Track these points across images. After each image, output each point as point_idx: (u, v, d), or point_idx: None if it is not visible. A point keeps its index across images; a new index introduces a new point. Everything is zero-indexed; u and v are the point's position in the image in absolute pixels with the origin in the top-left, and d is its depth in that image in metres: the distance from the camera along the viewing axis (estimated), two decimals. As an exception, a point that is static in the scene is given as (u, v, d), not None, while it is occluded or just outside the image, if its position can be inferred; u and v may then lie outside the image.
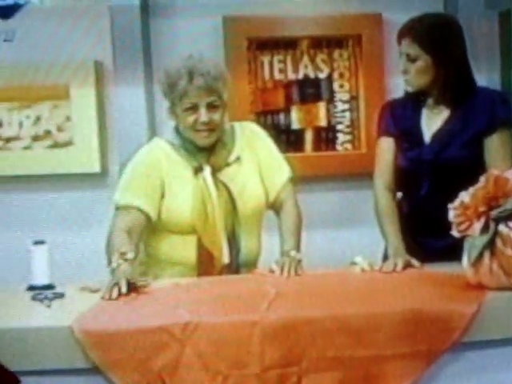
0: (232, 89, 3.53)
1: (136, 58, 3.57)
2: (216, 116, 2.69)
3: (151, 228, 2.76)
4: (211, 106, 2.68)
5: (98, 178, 3.67)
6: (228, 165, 2.79)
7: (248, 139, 2.84)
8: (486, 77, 3.48)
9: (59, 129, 3.65)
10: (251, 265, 2.84)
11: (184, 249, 2.75)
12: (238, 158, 2.80)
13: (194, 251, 2.75)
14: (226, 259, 2.76)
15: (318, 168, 3.75)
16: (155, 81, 2.81)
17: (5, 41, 3.59)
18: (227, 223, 2.77)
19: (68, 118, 3.64)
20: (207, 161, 2.75)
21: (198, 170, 2.75)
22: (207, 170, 2.74)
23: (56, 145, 3.65)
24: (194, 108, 2.67)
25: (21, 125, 3.65)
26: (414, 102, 2.82)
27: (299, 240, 2.80)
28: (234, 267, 2.79)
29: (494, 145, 2.71)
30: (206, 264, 2.75)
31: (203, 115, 2.67)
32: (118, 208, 2.74)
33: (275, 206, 2.87)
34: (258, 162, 2.84)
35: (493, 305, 2.10)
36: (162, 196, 2.74)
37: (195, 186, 2.74)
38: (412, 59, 2.71)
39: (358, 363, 2.02)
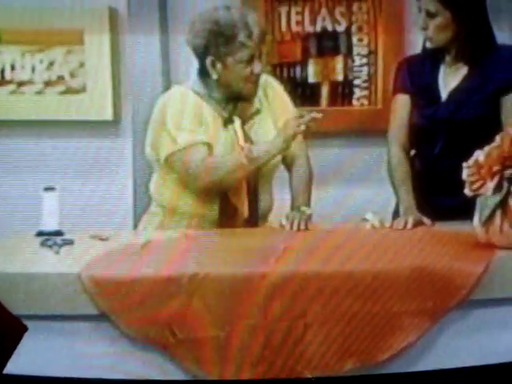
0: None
1: (151, 5, 3.54)
2: (261, 65, 2.72)
3: (172, 176, 2.76)
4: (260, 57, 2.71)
5: (111, 126, 3.66)
6: (250, 117, 2.79)
7: (265, 92, 2.84)
8: (508, 34, 3.42)
9: (72, 75, 3.63)
10: (264, 218, 2.85)
11: (208, 200, 2.75)
12: (257, 110, 2.80)
13: (217, 205, 2.75)
14: (246, 212, 2.76)
15: (333, 123, 3.72)
16: (185, 32, 2.77)
17: (19, -17, 3.57)
18: (249, 179, 2.77)
19: (81, 64, 3.62)
20: (234, 112, 2.76)
21: (227, 121, 2.75)
22: (237, 122, 2.74)
23: (69, 91, 3.63)
24: (249, 60, 2.67)
25: (33, 69, 3.63)
26: (432, 59, 2.78)
27: (310, 195, 2.80)
28: (253, 221, 2.79)
29: (511, 104, 2.67)
30: (227, 218, 2.76)
31: (258, 66, 2.69)
32: (182, 151, 2.69)
33: (287, 160, 2.87)
34: (274, 115, 2.84)
35: (502, 264, 2.10)
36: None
37: (226, 136, 2.73)
38: (431, 15, 2.67)
39: (364, 319, 2.03)
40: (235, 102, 2.76)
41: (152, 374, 2.06)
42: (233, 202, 2.75)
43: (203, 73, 2.75)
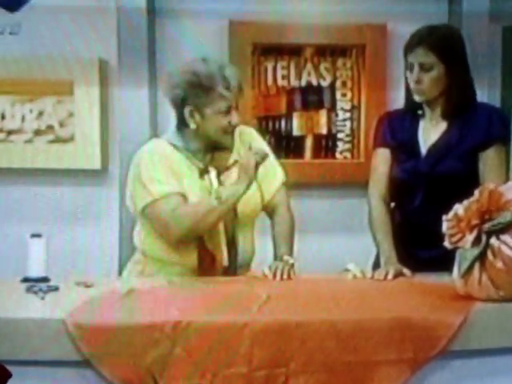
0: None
1: (141, 58, 3.59)
2: (238, 116, 2.75)
3: (150, 226, 2.79)
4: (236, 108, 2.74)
5: (99, 175, 3.69)
6: (228, 168, 2.81)
7: (245, 143, 2.86)
8: (486, 93, 3.50)
9: (61, 124, 3.67)
10: (246, 266, 2.86)
11: (185, 249, 2.76)
12: (236, 161, 2.81)
13: (195, 252, 2.76)
14: (225, 261, 2.77)
15: (316, 175, 3.77)
16: (162, 83, 2.82)
17: (10, 34, 3.61)
18: (227, 226, 2.78)
19: (71, 114, 3.65)
20: (211, 163, 2.78)
21: (203, 172, 2.77)
22: (213, 173, 2.76)
23: (58, 140, 3.66)
24: (227, 111, 2.71)
25: (23, 118, 3.66)
26: (411, 114, 2.83)
27: (292, 244, 2.82)
28: (232, 269, 2.80)
29: (489, 160, 2.73)
30: (206, 268, 2.76)
31: (235, 117, 2.72)
32: (154, 202, 2.70)
33: (268, 210, 2.89)
34: None
35: (481, 316, 2.12)
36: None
37: (201, 187, 2.75)
38: (427, 68, 2.69)
39: (344, 367, 2.04)
40: (212, 152, 2.78)
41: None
42: (210, 250, 2.76)
43: (180, 124, 2.78)
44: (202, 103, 2.70)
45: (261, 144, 2.92)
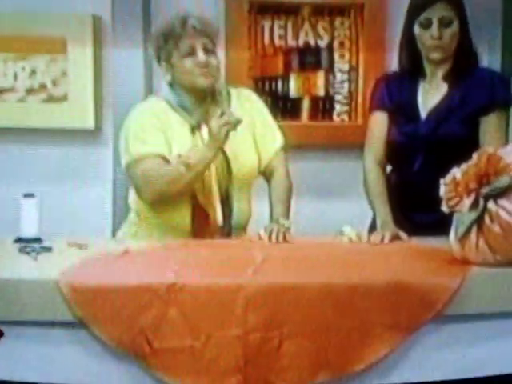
0: (231, 53, 3.55)
1: (135, 15, 3.54)
2: (212, 60, 2.72)
3: None
4: (206, 50, 2.71)
5: (92, 135, 3.66)
6: None
7: (243, 104, 2.85)
8: (487, 58, 3.46)
9: (54, 83, 3.63)
10: (241, 229, 2.86)
11: (179, 210, 2.75)
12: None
13: (189, 213, 2.75)
14: (219, 220, 2.76)
15: (313, 137, 3.74)
16: (150, 40, 2.82)
17: (2, -11, 3.56)
18: (221, 185, 2.77)
19: (64, 73, 3.61)
20: (204, 120, 2.75)
21: (195, 129, 2.75)
22: (205, 130, 2.74)
23: (51, 99, 3.62)
24: (191, 52, 2.70)
25: (16, 76, 3.62)
26: (410, 76, 2.81)
27: (289, 208, 2.82)
28: (227, 230, 2.80)
29: (490, 124, 2.71)
30: (200, 226, 2.76)
31: (201, 56, 2.70)
32: (136, 160, 2.71)
33: (266, 173, 2.88)
34: (252, 128, 2.84)
35: (477, 280, 2.11)
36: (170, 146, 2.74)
37: (194, 143, 2.74)
38: (446, 23, 2.67)
39: (339, 331, 2.04)
40: (206, 109, 2.76)
41: (126, 384, 2.06)
42: (204, 208, 2.75)
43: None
44: (168, 53, 2.72)
45: (259, 106, 2.90)
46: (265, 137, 2.86)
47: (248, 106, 2.86)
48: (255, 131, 2.85)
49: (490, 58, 3.55)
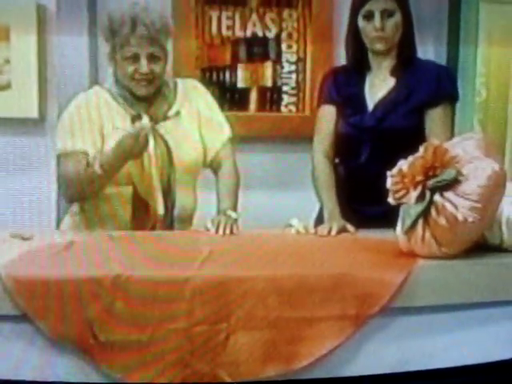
0: (178, 43, 3.52)
1: (80, 4, 3.49)
2: (156, 67, 2.68)
3: None
4: (152, 57, 2.66)
5: (36, 124, 3.60)
6: (167, 118, 2.77)
7: (190, 96, 2.83)
8: (432, 51, 3.50)
9: (-3, 71, 3.57)
10: (186, 221, 2.84)
11: (119, 200, 2.72)
12: (177, 113, 2.79)
13: (129, 204, 2.72)
14: (160, 210, 2.73)
15: (260, 128, 3.74)
16: (98, 25, 2.77)
17: None
18: (163, 176, 2.75)
19: (7, 61, 3.55)
20: (146, 111, 2.73)
21: (135, 119, 2.72)
22: (145, 120, 2.71)
23: (-7, 87, 3.56)
24: (134, 58, 2.65)
25: (-43, 64, 3.55)
26: (357, 70, 2.83)
27: (236, 200, 2.81)
28: (168, 222, 2.77)
29: (435, 117, 2.74)
30: (141, 217, 2.73)
31: (143, 66, 2.65)
32: (61, 155, 2.69)
33: (213, 165, 2.87)
34: (198, 119, 2.83)
35: (423, 272, 2.12)
36: (103, 142, 2.70)
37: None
38: (389, 14, 2.70)
39: (286, 324, 2.03)
40: (147, 101, 2.74)
41: (72, 378, 2.03)
42: (144, 199, 2.73)
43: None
44: (114, 47, 2.67)
45: (206, 97, 2.89)
46: (211, 128, 2.84)
47: (194, 97, 2.84)
48: (201, 123, 2.83)
49: (435, 51, 3.60)
